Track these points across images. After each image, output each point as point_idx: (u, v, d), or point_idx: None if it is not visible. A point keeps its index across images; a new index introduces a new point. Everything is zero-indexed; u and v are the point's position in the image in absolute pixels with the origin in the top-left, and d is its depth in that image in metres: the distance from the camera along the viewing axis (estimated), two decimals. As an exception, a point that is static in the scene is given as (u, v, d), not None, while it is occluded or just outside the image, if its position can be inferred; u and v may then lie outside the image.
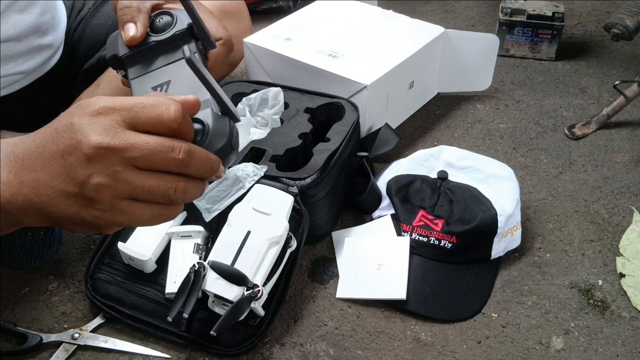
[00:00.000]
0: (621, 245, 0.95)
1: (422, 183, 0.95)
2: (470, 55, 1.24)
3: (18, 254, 0.88)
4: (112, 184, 0.46)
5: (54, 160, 0.47)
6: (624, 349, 0.81)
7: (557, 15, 1.39)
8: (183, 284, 0.76)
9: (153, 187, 0.47)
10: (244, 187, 0.85)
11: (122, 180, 0.46)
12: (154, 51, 0.59)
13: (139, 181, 0.47)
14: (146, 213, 0.49)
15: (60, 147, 0.47)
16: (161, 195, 0.48)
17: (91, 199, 0.47)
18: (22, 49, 0.95)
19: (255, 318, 0.79)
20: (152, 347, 0.80)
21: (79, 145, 0.45)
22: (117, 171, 0.46)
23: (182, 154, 0.47)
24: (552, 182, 1.09)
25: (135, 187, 0.47)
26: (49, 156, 0.47)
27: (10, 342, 0.81)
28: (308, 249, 0.95)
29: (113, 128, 0.45)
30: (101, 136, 0.45)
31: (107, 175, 0.46)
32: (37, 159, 0.48)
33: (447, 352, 0.81)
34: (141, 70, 0.58)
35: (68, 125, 0.46)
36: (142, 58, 0.59)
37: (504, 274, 0.91)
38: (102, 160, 0.46)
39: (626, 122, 1.24)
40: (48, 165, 0.47)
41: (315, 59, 1.11)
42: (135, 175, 0.46)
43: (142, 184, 0.47)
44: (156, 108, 0.46)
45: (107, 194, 0.47)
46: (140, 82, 0.57)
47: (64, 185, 0.47)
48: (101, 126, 0.45)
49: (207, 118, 0.51)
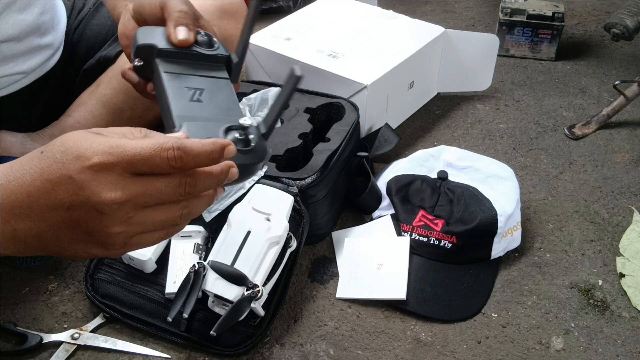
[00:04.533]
0: (621, 245, 0.95)
1: (422, 183, 0.95)
2: (470, 55, 1.24)
3: (18, 254, 0.88)
4: (126, 229, 0.48)
5: (56, 212, 0.47)
6: (624, 349, 0.81)
7: (557, 15, 1.39)
8: (183, 284, 0.76)
9: (162, 220, 0.49)
10: (244, 187, 0.85)
11: (134, 223, 0.48)
12: (193, 59, 0.62)
13: (150, 219, 0.48)
14: (155, 238, 0.51)
15: (63, 200, 0.46)
16: (170, 224, 0.50)
17: (103, 242, 0.48)
18: (21, 49, 0.95)
19: (255, 318, 0.79)
20: (152, 347, 0.80)
21: (89, 202, 0.46)
22: (129, 217, 0.47)
23: (188, 187, 0.48)
24: (552, 182, 1.09)
25: (146, 225, 0.48)
26: (47, 208, 0.46)
27: (10, 342, 0.81)
28: (308, 249, 0.95)
29: (120, 182, 0.46)
30: (111, 192, 0.45)
31: (120, 223, 0.47)
32: (31, 209, 0.47)
33: (447, 352, 0.81)
34: (175, 69, 0.61)
35: (67, 179, 0.45)
36: (180, 60, 0.61)
37: (504, 274, 0.91)
38: (114, 212, 0.46)
39: (626, 122, 1.24)
40: (49, 216, 0.47)
41: (315, 59, 1.11)
42: (146, 215, 0.48)
43: (152, 220, 0.48)
44: (154, 158, 0.46)
45: (120, 236, 0.48)
46: (175, 78, 0.59)
47: (73, 235, 0.48)
48: (108, 182, 0.45)
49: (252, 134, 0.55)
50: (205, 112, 0.58)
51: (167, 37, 0.61)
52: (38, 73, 1.01)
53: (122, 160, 0.45)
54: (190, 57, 0.62)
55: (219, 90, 0.61)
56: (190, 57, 0.62)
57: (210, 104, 0.59)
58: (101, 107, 1.04)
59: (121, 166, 0.46)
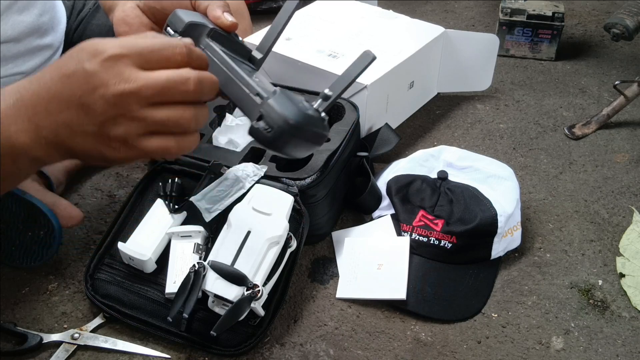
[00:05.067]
0: (621, 245, 0.95)
1: (422, 183, 0.95)
2: (470, 55, 1.24)
3: (18, 254, 0.88)
4: (130, 124, 0.50)
5: (70, 104, 0.50)
6: (624, 349, 0.81)
7: (557, 15, 1.39)
8: (183, 284, 0.76)
9: (166, 120, 0.51)
10: (244, 187, 0.85)
11: (139, 119, 0.50)
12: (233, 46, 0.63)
13: (154, 116, 0.50)
14: (162, 144, 0.52)
15: (76, 92, 0.49)
16: (175, 126, 0.52)
17: (111, 138, 0.51)
18: (21, 49, 0.95)
19: (255, 318, 0.79)
20: (152, 347, 0.80)
21: (97, 92, 0.48)
22: (133, 111, 0.49)
23: (194, 85, 0.51)
24: (552, 182, 1.09)
25: (150, 122, 0.50)
26: (63, 100, 0.50)
27: (10, 342, 0.81)
28: (308, 249, 0.95)
29: (126, 72, 0.49)
30: (117, 83, 0.48)
31: (125, 117, 0.50)
32: (50, 103, 0.50)
33: (447, 352, 0.81)
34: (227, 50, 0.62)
35: (80, 71, 0.49)
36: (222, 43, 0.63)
37: (504, 274, 0.91)
38: (120, 104, 0.49)
39: (626, 122, 1.24)
40: (64, 109, 0.50)
41: (315, 59, 1.11)
42: (150, 112, 0.50)
43: (156, 118, 0.50)
44: (164, 51, 0.50)
45: (126, 133, 0.50)
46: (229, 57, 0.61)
47: (84, 127, 0.50)
48: (116, 73, 0.48)
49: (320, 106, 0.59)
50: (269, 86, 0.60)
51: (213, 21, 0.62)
52: (38, 73, 1.01)
53: (132, 52, 0.49)
54: (232, 44, 0.63)
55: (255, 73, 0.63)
56: (231, 44, 0.63)
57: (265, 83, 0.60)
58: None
59: (131, 58, 0.49)
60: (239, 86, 0.59)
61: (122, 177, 1.09)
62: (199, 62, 0.53)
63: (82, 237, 0.97)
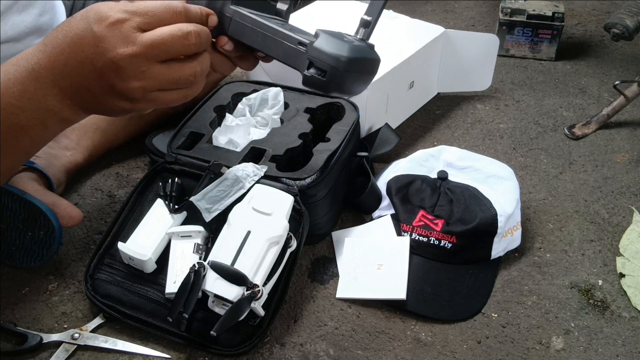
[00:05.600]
0: (621, 245, 0.95)
1: (422, 183, 0.95)
2: (470, 55, 1.24)
3: (18, 254, 0.88)
4: (145, 81, 0.54)
5: (84, 66, 0.53)
6: (624, 349, 0.81)
7: (557, 15, 1.39)
8: (183, 284, 0.76)
9: (176, 77, 0.55)
10: (244, 187, 0.85)
11: (148, 77, 0.54)
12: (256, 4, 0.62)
13: (163, 75, 0.54)
14: (174, 97, 0.57)
15: (88, 54, 0.53)
16: (184, 82, 0.57)
17: (129, 96, 0.55)
18: (20, 49, 0.95)
19: (255, 318, 0.79)
20: (152, 347, 0.80)
21: (106, 54, 0.52)
22: (143, 71, 0.53)
23: (194, 38, 0.55)
24: (552, 182, 1.09)
25: (161, 80, 0.55)
26: (77, 63, 0.54)
27: (10, 342, 0.81)
28: (308, 249, 0.95)
29: (131, 35, 0.52)
30: (123, 46, 0.52)
31: (134, 77, 0.54)
32: (65, 66, 0.54)
33: (447, 352, 0.81)
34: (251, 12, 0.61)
35: (89, 35, 0.52)
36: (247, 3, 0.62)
37: (504, 274, 0.91)
38: (130, 66, 0.53)
39: (626, 122, 1.24)
40: (80, 70, 0.54)
41: (315, 59, 1.10)
42: (159, 70, 0.54)
43: (166, 77, 0.55)
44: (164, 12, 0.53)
45: (138, 90, 0.55)
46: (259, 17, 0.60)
47: (102, 88, 0.55)
48: (121, 35, 0.52)
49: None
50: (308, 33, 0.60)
51: None
52: (38, 73, 1.01)
53: (134, 15, 0.52)
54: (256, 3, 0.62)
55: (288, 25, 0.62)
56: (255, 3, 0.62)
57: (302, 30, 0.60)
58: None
59: (134, 21, 0.52)
60: (278, 42, 0.58)
61: (122, 177, 1.09)
62: (197, 19, 0.56)
63: (82, 237, 0.97)
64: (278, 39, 0.58)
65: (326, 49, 0.55)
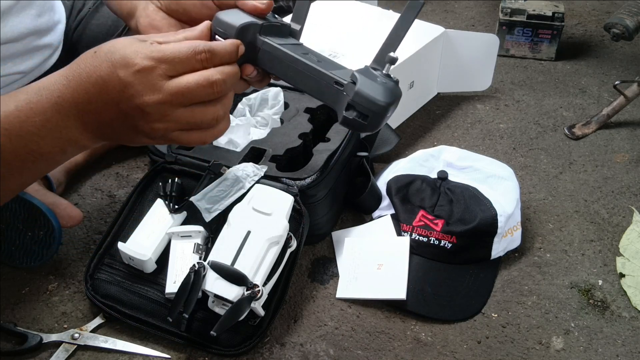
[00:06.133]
0: (621, 245, 0.95)
1: (422, 183, 0.95)
2: (470, 55, 1.24)
3: (18, 254, 0.88)
4: (167, 124, 0.56)
5: (109, 107, 0.55)
6: (624, 349, 0.81)
7: (557, 15, 1.39)
8: (183, 284, 0.76)
9: (198, 121, 0.56)
10: (244, 187, 0.85)
11: (171, 121, 0.55)
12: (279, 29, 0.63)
13: (186, 118, 0.56)
14: (194, 138, 0.58)
15: (113, 98, 0.54)
16: (207, 124, 0.58)
17: (151, 135, 0.57)
18: (20, 49, 0.95)
19: (255, 318, 0.79)
20: (152, 347, 0.80)
21: (132, 99, 0.53)
22: (167, 115, 0.55)
23: (219, 86, 0.55)
24: (552, 182, 1.09)
25: (183, 123, 0.56)
26: (102, 104, 0.55)
27: (10, 342, 0.81)
28: (308, 249, 0.95)
29: (158, 83, 0.53)
30: (150, 93, 0.53)
31: (160, 120, 0.55)
32: (90, 104, 0.55)
33: (447, 352, 0.81)
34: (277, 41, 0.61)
35: (115, 79, 0.53)
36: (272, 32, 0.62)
37: (504, 274, 0.91)
38: (155, 111, 0.54)
39: (626, 122, 1.24)
40: (104, 110, 0.55)
41: (315, 59, 1.10)
42: (182, 114, 0.55)
43: (188, 120, 0.56)
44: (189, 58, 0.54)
45: (160, 131, 0.56)
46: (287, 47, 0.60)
47: (123, 125, 0.56)
48: (148, 83, 0.53)
49: None
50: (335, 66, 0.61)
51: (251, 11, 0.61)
52: (37, 73, 1.01)
53: (161, 64, 0.53)
54: (279, 28, 0.63)
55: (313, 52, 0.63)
56: (276, 28, 0.62)
57: (325, 61, 0.61)
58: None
59: (161, 69, 0.53)
60: (313, 79, 0.59)
61: (122, 177, 1.08)
62: (224, 59, 0.56)
63: (82, 237, 0.96)
64: (312, 76, 0.59)
65: (368, 95, 0.56)
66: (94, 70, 0.54)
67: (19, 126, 0.55)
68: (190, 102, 0.55)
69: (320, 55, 0.63)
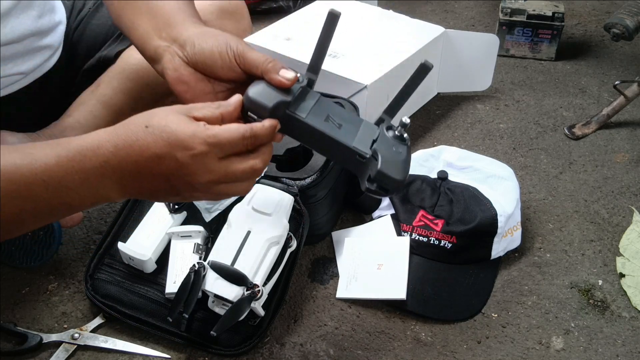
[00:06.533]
0: (621, 245, 0.95)
1: (422, 183, 0.95)
2: (470, 55, 1.24)
3: (18, 254, 0.88)
4: (208, 195, 0.61)
5: (158, 179, 0.58)
6: (624, 349, 0.81)
7: (557, 15, 1.39)
8: (183, 284, 0.76)
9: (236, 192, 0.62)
10: (244, 187, 0.85)
11: (215, 192, 0.61)
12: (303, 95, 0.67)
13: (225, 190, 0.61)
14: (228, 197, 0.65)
15: (165, 171, 0.57)
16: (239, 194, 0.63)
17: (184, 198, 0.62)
18: (21, 50, 0.95)
19: (255, 318, 0.79)
20: (152, 347, 0.80)
21: (185, 177, 0.58)
22: (211, 188, 0.60)
23: (259, 172, 0.62)
24: (552, 182, 1.09)
25: (222, 194, 0.62)
26: (151, 175, 0.58)
27: (10, 342, 0.81)
28: (308, 249, 0.95)
29: (211, 165, 0.58)
30: (205, 175, 0.58)
31: (205, 192, 0.60)
32: (138, 174, 0.58)
33: (447, 352, 0.81)
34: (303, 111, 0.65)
35: (172, 157, 0.56)
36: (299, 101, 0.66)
37: (504, 274, 0.91)
38: (204, 188, 0.59)
39: (626, 122, 1.24)
40: (151, 181, 0.58)
41: (315, 59, 1.10)
42: (225, 187, 0.61)
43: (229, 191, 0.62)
44: (238, 144, 0.59)
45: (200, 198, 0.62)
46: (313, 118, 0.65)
47: (165, 192, 0.60)
48: (203, 166, 0.57)
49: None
50: (354, 129, 0.66)
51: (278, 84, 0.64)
52: (37, 73, 1.01)
53: (215, 148, 0.57)
54: (303, 95, 0.66)
55: (330, 108, 0.68)
56: (302, 95, 0.66)
57: (347, 123, 0.67)
58: (101, 107, 1.04)
59: (215, 152, 0.57)
60: (336, 150, 0.64)
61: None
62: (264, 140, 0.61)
63: (82, 237, 0.97)
64: (336, 147, 0.64)
65: (389, 174, 0.62)
66: (148, 147, 0.56)
67: (57, 180, 0.56)
68: (232, 182, 0.61)
69: (342, 113, 0.68)
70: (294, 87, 0.65)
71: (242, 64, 0.66)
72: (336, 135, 0.64)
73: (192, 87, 0.68)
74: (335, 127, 0.65)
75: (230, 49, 0.65)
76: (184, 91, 0.68)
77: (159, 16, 0.71)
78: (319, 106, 0.67)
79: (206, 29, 0.69)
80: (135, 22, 0.73)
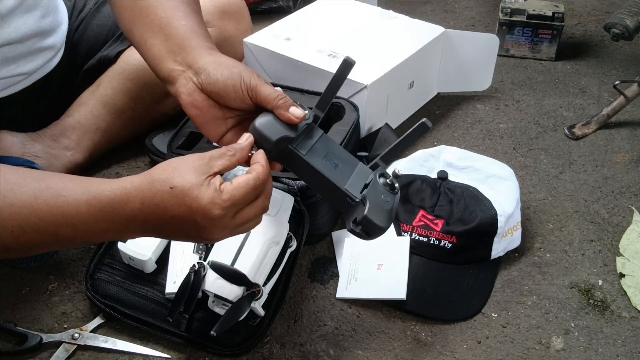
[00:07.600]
0: (621, 245, 0.95)
1: (422, 183, 0.95)
2: (470, 55, 1.24)
3: (18, 254, 0.88)
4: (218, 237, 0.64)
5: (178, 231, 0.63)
6: (624, 349, 0.81)
7: (557, 15, 1.39)
8: (183, 284, 0.76)
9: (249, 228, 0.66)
10: (244, 187, 0.85)
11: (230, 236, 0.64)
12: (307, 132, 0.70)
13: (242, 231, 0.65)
14: None
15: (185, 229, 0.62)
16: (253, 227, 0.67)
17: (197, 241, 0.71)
18: (23, 51, 0.95)
19: (255, 318, 0.79)
20: (152, 347, 0.80)
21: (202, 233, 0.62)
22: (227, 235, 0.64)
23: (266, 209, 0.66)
24: (552, 182, 1.09)
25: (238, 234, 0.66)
26: (171, 230, 0.62)
27: (10, 342, 0.81)
28: (308, 249, 0.95)
29: (228, 223, 0.62)
30: (221, 232, 0.62)
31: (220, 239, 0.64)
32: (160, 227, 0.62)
33: (447, 352, 0.81)
34: (304, 147, 0.68)
35: (191, 220, 0.60)
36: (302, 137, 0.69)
37: (504, 274, 0.91)
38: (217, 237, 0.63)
39: (626, 122, 1.24)
40: (171, 232, 0.63)
41: (315, 59, 1.11)
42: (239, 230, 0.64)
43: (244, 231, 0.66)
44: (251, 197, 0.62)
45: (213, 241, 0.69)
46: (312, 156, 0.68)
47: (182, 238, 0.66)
48: (221, 226, 0.61)
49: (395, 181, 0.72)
50: (349, 171, 0.70)
51: (286, 121, 0.67)
52: (39, 74, 1.01)
53: (232, 208, 0.61)
54: (307, 131, 0.69)
55: (330, 146, 0.71)
56: (306, 132, 0.69)
57: (343, 164, 0.69)
58: (101, 107, 1.04)
59: (231, 212, 0.61)
60: (328, 189, 0.68)
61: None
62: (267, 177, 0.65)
63: (82, 237, 0.96)
64: (329, 187, 0.67)
65: (373, 221, 0.65)
66: (171, 209, 0.60)
67: (86, 226, 0.60)
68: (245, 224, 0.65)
69: (340, 154, 0.71)
70: (300, 123, 0.68)
71: (255, 97, 0.68)
72: (331, 176, 0.67)
73: (204, 112, 0.71)
74: (332, 167, 0.68)
75: (244, 82, 0.68)
76: (196, 115, 0.71)
77: (173, 38, 0.72)
78: (320, 144, 0.70)
79: (221, 57, 0.71)
80: (148, 41, 0.74)
